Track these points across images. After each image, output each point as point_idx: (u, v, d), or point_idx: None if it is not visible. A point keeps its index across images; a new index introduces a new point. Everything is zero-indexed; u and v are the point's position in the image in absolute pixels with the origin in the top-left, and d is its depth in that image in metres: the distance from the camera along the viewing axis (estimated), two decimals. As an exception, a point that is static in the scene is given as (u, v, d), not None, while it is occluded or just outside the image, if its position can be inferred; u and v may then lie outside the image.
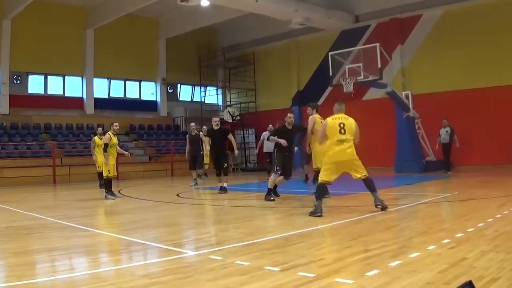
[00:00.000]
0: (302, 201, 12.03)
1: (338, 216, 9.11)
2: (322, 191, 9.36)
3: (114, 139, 14.44)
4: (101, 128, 18.09)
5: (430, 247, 5.96)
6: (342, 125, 9.56)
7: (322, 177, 9.36)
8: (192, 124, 19.15)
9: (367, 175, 9.43)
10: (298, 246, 6.50)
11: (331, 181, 9.39)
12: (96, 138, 17.92)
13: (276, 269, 5.17)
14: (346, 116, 9.76)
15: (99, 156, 17.18)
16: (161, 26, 32.86)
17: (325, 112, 28.34)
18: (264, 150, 19.55)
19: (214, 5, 25.01)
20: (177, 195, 15.12)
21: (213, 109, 35.24)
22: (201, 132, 18.83)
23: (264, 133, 19.48)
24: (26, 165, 23.70)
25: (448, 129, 20.59)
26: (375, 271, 4.91)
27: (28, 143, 25.55)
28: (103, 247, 7.19)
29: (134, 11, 27.81)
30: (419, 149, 22.98)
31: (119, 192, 16.78)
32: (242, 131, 33.44)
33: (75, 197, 16.40)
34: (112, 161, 14.45)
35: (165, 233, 8.10)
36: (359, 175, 9.44)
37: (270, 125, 19.17)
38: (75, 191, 18.85)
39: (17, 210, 11.98)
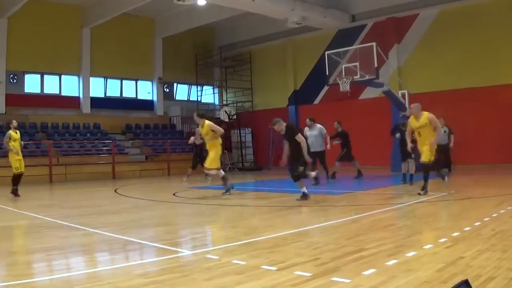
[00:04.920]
0: (300, 200, 12.01)
1: (335, 215, 9.13)
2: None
3: (16, 135, 15.27)
4: (15, 121, 16.32)
5: (427, 246, 5.98)
6: None
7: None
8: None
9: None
10: (295, 245, 6.50)
11: None
12: (11, 132, 15.59)
13: (273, 268, 5.17)
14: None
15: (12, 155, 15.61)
16: (158, 25, 32.80)
17: (321, 111, 28.51)
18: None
19: (210, 4, 24.95)
20: (174, 194, 15.10)
21: (209, 108, 35.23)
22: None
23: (305, 128, 17.68)
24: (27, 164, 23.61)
25: (446, 128, 19.06)
26: (371, 270, 4.91)
27: (24, 142, 25.45)
28: (100, 246, 7.17)
29: (130, 10, 27.76)
30: (416, 148, 22.97)
31: (115, 191, 16.75)
32: (238, 131, 33.43)
33: (71, 196, 16.37)
34: (16, 156, 15.03)
35: (162, 232, 8.09)
36: None
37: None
38: (71, 190, 18.81)
39: (13, 209, 11.96)
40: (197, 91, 35.63)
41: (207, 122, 14.21)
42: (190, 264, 5.78)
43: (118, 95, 32.26)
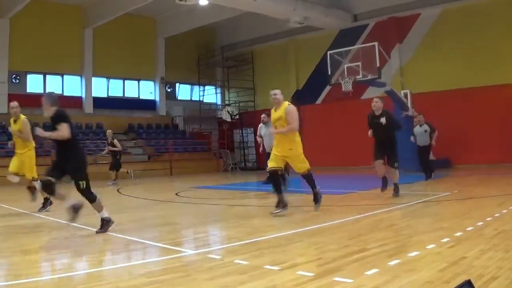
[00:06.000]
0: (302, 200, 12.00)
1: (337, 215, 9.10)
2: None
3: None
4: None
5: (430, 246, 5.94)
6: None
7: None
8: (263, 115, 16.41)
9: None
10: (297, 245, 6.50)
11: None
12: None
13: (276, 268, 5.16)
14: None
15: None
16: (160, 25, 32.84)
17: (324, 111, 28.51)
18: None
19: (212, 4, 25.01)
20: (176, 194, 15.10)
21: (211, 108, 35.25)
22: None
23: (260, 125, 16.36)
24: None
25: (426, 127, 16.84)
26: (374, 270, 4.89)
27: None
28: (102, 246, 7.16)
29: (132, 10, 27.82)
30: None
31: (118, 191, 16.74)
32: (241, 130, 33.44)
33: (73, 196, 16.34)
34: None
35: (164, 232, 8.09)
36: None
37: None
38: (73, 190, 18.75)
39: (15, 208, 11.98)
40: (199, 91, 35.66)
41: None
42: (193, 264, 5.76)
43: (121, 95, 32.30)
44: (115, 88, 32.15)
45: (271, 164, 9.52)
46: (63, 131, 7.94)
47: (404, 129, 14.14)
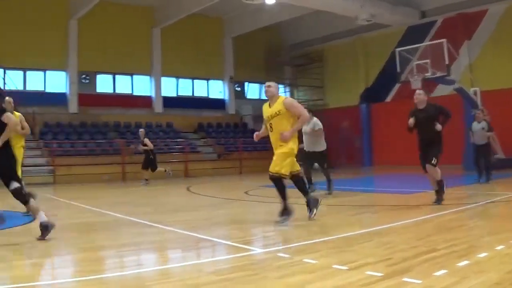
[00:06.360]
0: (371, 199, 11.81)
1: (406, 215, 8.91)
2: None
3: None
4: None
5: (499, 247, 5.81)
6: None
7: None
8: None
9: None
10: (366, 245, 6.41)
11: None
12: None
13: (344, 267, 5.09)
14: None
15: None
16: (227, 24, 33.10)
17: (393, 109, 28.09)
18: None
19: (279, 2, 24.99)
20: (245, 192, 15.09)
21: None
22: None
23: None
24: (95, 162, 24.20)
25: (484, 124, 15.56)
26: (443, 271, 4.81)
27: (97, 141, 26.12)
28: (171, 243, 7.20)
29: (199, 10, 28.07)
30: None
31: (188, 189, 16.86)
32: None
33: (144, 194, 16.58)
34: None
35: (233, 230, 8.05)
36: None
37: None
38: (145, 188, 19.05)
39: (86, 206, 12.18)
40: (268, 89, 35.66)
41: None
42: (262, 262, 5.75)
43: (190, 94, 32.68)
44: (184, 87, 32.59)
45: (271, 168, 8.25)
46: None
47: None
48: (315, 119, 13.47)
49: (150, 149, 19.73)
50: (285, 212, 8.29)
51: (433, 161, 9.91)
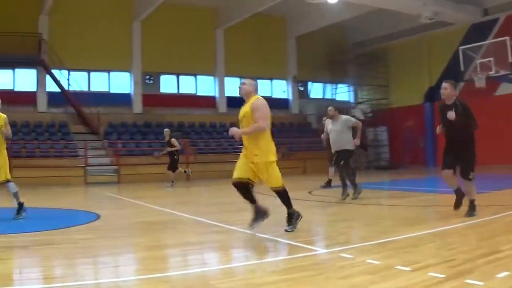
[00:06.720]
0: (436, 200, 11.58)
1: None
2: None
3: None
4: None
5: None
6: None
7: None
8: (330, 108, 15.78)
9: None
10: (429, 246, 6.32)
11: None
12: None
13: (407, 268, 5.04)
14: None
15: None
16: (289, 24, 33.10)
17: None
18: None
19: (342, 1, 24.89)
20: (309, 192, 15.02)
21: (344, 106, 34.94)
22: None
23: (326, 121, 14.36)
24: (160, 162, 24.46)
25: None
26: (506, 273, 4.71)
27: (162, 141, 26.45)
28: (235, 243, 7.26)
29: (262, 10, 28.19)
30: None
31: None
32: (374, 129, 32.94)
33: (208, 193, 16.73)
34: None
35: (297, 230, 8.01)
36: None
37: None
38: (208, 187, 19.22)
39: (151, 206, 12.37)
40: (332, 89, 35.48)
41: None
42: (325, 262, 5.72)
43: (254, 94, 32.71)
44: (248, 87, 32.63)
45: (234, 174, 7.66)
46: None
47: None
48: (344, 117, 12.56)
49: (176, 149, 19.38)
50: (257, 216, 7.76)
51: (470, 176, 8.53)
